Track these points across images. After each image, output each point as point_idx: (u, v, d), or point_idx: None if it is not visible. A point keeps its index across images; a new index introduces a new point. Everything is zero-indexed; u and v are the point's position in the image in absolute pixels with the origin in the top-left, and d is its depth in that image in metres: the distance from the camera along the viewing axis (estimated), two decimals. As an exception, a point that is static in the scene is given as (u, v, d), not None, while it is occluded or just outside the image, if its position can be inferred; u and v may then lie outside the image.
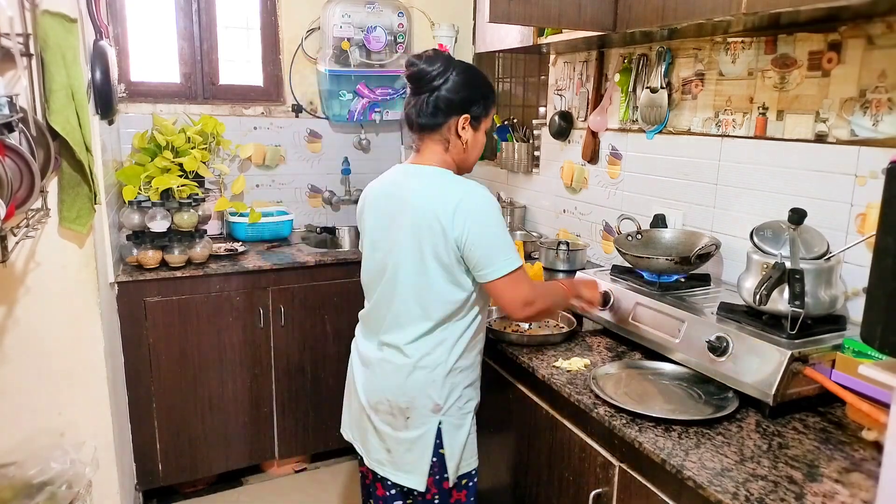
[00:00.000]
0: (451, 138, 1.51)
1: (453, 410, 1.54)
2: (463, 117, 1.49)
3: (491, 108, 1.56)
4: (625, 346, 1.75)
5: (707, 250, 1.75)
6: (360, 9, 2.97)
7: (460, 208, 1.41)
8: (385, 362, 1.55)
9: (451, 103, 1.48)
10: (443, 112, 1.48)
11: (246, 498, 2.68)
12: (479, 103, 1.51)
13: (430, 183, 1.49)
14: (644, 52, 2.14)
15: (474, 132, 1.53)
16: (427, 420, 1.51)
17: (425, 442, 1.51)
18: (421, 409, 1.51)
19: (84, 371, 1.96)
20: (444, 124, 1.49)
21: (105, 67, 2.08)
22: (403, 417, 1.52)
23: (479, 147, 1.58)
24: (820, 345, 1.37)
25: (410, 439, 1.52)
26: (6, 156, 1.37)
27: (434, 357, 1.50)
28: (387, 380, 1.54)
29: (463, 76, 1.49)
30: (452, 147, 1.52)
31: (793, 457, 1.20)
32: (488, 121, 1.57)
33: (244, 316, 2.54)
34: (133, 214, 2.36)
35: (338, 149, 3.26)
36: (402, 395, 1.52)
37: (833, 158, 1.59)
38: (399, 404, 1.52)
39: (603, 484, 1.40)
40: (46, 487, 1.70)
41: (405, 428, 1.52)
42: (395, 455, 1.55)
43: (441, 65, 1.47)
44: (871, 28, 1.48)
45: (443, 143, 1.52)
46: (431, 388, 1.50)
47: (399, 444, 1.54)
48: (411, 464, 1.53)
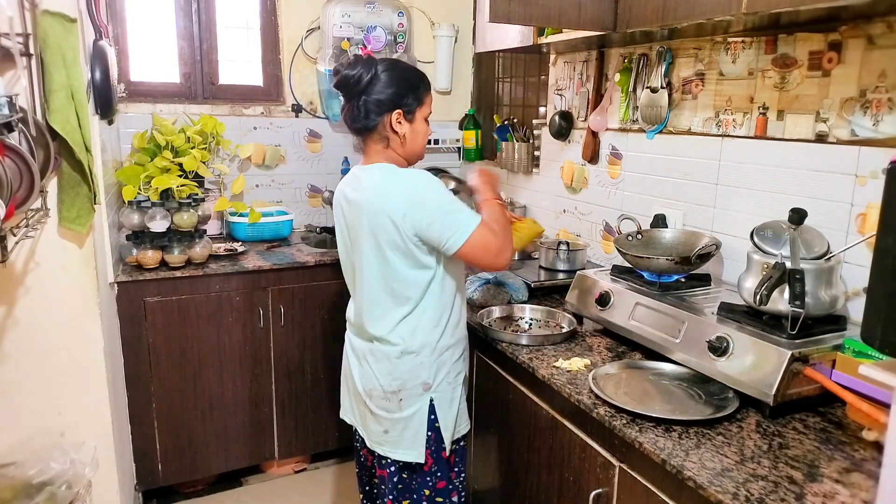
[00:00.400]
0: (389, 135, 1.59)
1: (443, 386, 1.64)
2: (395, 113, 1.56)
3: (424, 97, 1.61)
4: (625, 346, 1.75)
5: (707, 250, 1.75)
6: (360, 9, 2.96)
7: (406, 200, 1.50)
8: (375, 352, 1.64)
9: (380, 103, 1.55)
10: (374, 112, 1.56)
11: (246, 498, 2.68)
12: (408, 96, 1.57)
13: (376, 182, 1.56)
14: (644, 51, 2.14)
15: (410, 124, 1.60)
16: (419, 399, 1.62)
17: (419, 419, 1.62)
18: (412, 390, 1.61)
19: (84, 371, 1.96)
20: (378, 124, 1.57)
21: (105, 67, 2.08)
22: (397, 400, 1.62)
23: (422, 135, 1.64)
24: (820, 345, 1.37)
25: (405, 418, 1.62)
26: (6, 156, 1.37)
27: (418, 341, 1.60)
28: (378, 367, 1.63)
29: (387, 74, 1.56)
30: (392, 143, 1.60)
31: (793, 457, 1.20)
32: (425, 108, 1.62)
33: (244, 316, 2.54)
34: (133, 214, 2.36)
35: (338, 149, 3.25)
36: (394, 379, 1.61)
37: (833, 158, 1.59)
38: (391, 388, 1.61)
39: (603, 484, 1.40)
40: (46, 487, 1.70)
41: (399, 409, 1.62)
42: (393, 434, 1.64)
43: (361, 68, 1.54)
44: (871, 28, 1.48)
45: (382, 142, 1.60)
46: (420, 369, 1.61)
47: (395, 423, 1.63)
48: (409, 440, 1.63)
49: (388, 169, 1.58)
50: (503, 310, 2.02)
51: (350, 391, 1.76)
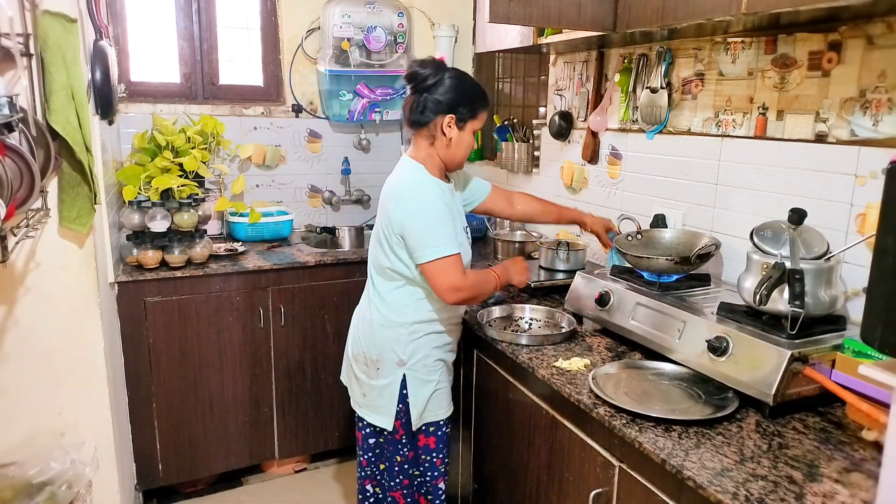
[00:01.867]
0: (437, 135, 1.72)
1: (418, 367, 1.77)
2: (449, 117, 1.69)
3: (479, 112, 1.73)
4: (625, 346, 1.75)
5: (707, 250, 1.75)
6: (360, 9, 2.97)
7: (403, 198, 1.67)
8: (363, 318, 1.82)
9: (439, 103, 1.68)
10: (430, 110, 1.69)
11: (246, 498, 2.68)
12: (465, 106, 1.70)
13: (398, 173, 1.75)
14: (644, 52, 2.14)
15: (459, 131, 1.72)
16: (393, 371, 1.76)
17: (392, 390, 1.76)
18: (388, 362, 1.76)
19: (84, 371, 1.96)
20: (431, 122, 1.70)
21: (105, 67, 2.08)
22: (374, 368, 1.78)
23: (466, 146, 1.75)
24: (820, 345, 1.37)
25: (380, 386, 1.78)
26: (6, 156, 1.37)
27: (398, 317, 1.75)
28: (363, 334, 1.81)
29: (452, 81, 1.69)
30: (437, 142, 1.73)
31: (793, 457, 1.20)
32: (476, 123, 1.74)
33: (244, 316, 2.54)
34: (133, 214, 2.36)
35: (338, 149, 3.26)
36: (373, 348, 1.78)
37: (833, 158, 1.59)
38: (371, 356, 1.78)
39: (603, 484, 1.40)
40: (46, 487, 1.70)
41: (376, 377, 1.78)
42: (369, 399, 1.81)
43: (432, 69, 1.69)
44: (871, 28, 1.48)
45: (429, 139, 1.73)
46: (396, 344, 1.75)
47: (372, 389, 1.80)
48: (382, 407, 1.79)
49: (417, 168, 1.73)
50: (503, 310, 2.02)
51: (347, 354, 1.93)
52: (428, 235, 1.63)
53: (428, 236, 1.63)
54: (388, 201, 1.70)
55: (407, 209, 1.65)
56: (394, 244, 1.70)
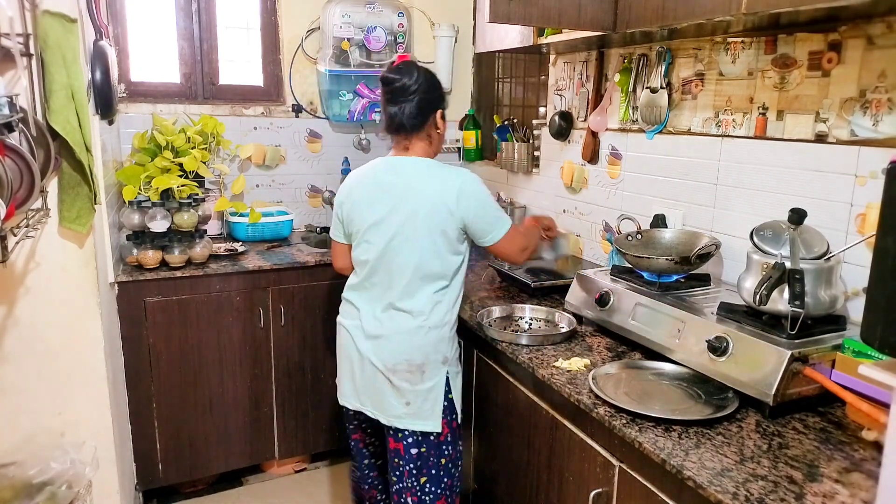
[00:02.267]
0: (432, 132, 1.80)
1: (454, 360, 1.82)
2: (439, 112, 1.78)
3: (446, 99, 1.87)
4: (625, 346, 1.75)
5: (707, 250, 1.75)
6: (360, 9, 2.97)
7: (462, 193, 1.69)
8: (399, 330, 1.75)
9: (430, 103, 1.75)
10: (424, 112, 1.75)
11: (246, 498, 2.68)
12: (443, 98, 1.81)
13: (431, 174, 1.74)
14: (644, 52, 2.14)
15: (444, 122, 1.82)
16: (439, 371, 1.77)
17: (438, 390, 1.77)
18: (434, 362, 1.76)
19: (84, 371, 1.96)
20: (426, 122, 1.76)
21: (105, 67, 2.08)
22: (420, 372, 1.75)
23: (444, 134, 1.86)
24: (820, 345, 1.37)
25: (426, 389, 1.76)
26: (6, 156, 1.37)
27: (441, 317, 1.76)
28: (403, 342, 1.75)
29: (426, 77, 1.75)
30: (434, 138, 1.82)
31: (793, 457, 1.20)
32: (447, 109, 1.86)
33: (244, 316, 2.54)
34: (133, 214, 2.36)
35: (338, 149, 3.26)
36: (419, 352, 1.74)
37: (833, 158, 1.59)
38: (416, 361, 1.74)
39: (603, 484, 1.41)
40: (46, 487, 1.70)
41: (422, 381, 1.75)
42: (414, 406, 1.76)
43: (416, 74, 1.74)
44: (871, 28, 1.48)
45: (427, 138, 1.79)
46: (442, 343, 1.77)
47: (417, 395, 1.76)
48: (428, 411, 1.77)
49: (438, 163, 1.77)
50: (503, 310, 2.02)
51: (357, 374, 1.82)
52: (495, 216, 1.75)
53: (495, 217, 1.75)
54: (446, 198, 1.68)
55: (474, 202, 1.71)
56: (456, 242, 1.73)
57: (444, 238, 1.71)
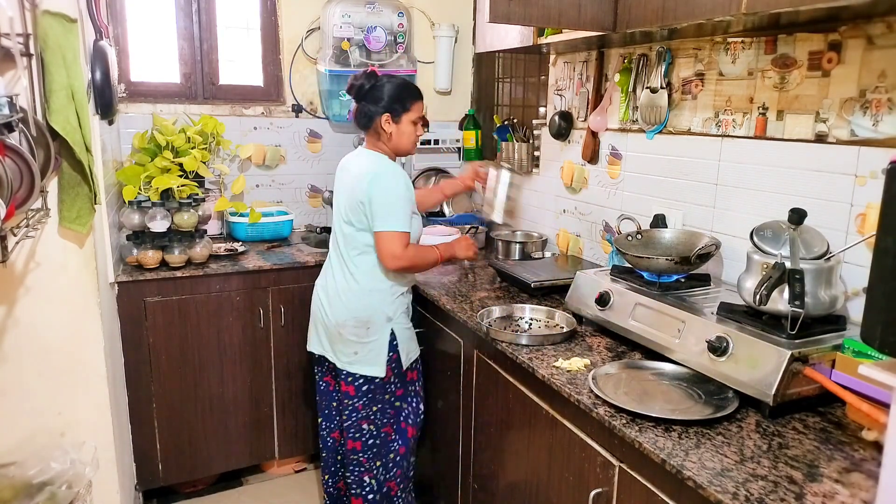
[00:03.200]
0: (380, 131, 2.06)
1: (400, 317, 2.12)
2: (385, 115, 2.03)
3: (409, 105, 2.05)
4: (625, 346, 1.75)
5: (707, 250, 1.75)
6: (360, 9, 2.97)
7: (372, 178, 1.97)
8: (347, 290, 2.08)
9: (375, 107, 2.04)
10: (370, 113, 2.05)
11: (246, 498, 2.68)
12: (396, 103, 2.03)
13: (363, 161, 2.08)
14: (644, 52, 2.14)
15: (396, 125, 2.05)
16: (383, 327, 2.07)
17: (382, 343, 2.08)
18: (378, 321, 2.07)
19: (84, 371, 1.96)
20: (372, 123, 2.06)
21: (105, 67, 2.08)
22: (365, 328, 2.06)
23: (407, 135, 2.08)
24: (820, 345, 1.37)
25: (372, 342, 2.07)
26: (6, 156, 1.37)
27: (380, 284, 2.08)
28: (350, 301, 2.07)
29: (382, 86, 2.04)
30: (382, 138, 2.08)
31: (793, 457, 1.20)
32: (411, 114, 2.06)
33: (244, 316, 2.54)
34: (133, 214, 2.36)
35: (338, 149, 3.25)
36: (363, 311, 2.06)
37: (833, 158, 1.59)
38: (361, 318, 2.06)
39: (603, 484, 1.40)
40: (46, 487, 1.70)
41: (366, 335, 2.07)
42: (362, 355, 2.08)
43: (365, 79, 2.05)
44: (871, 28, 1.48)
45: (375, 136, 2.09)
46: (383, 304, 2.08)
47: (364, 346, 2.07)
48: (374, 359, 2.08)
49: (378, 156, 2.08)
50: (503, 310, 2.02)
51: (319, 326, 2.17)
52: (389, 210, 1.96)
53: (388, 211, 1.96)
54: (362, 180, 1.98)
55: (381, 185, 1.96)
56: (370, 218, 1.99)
57: (356, 217, 2.01)
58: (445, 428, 2.19)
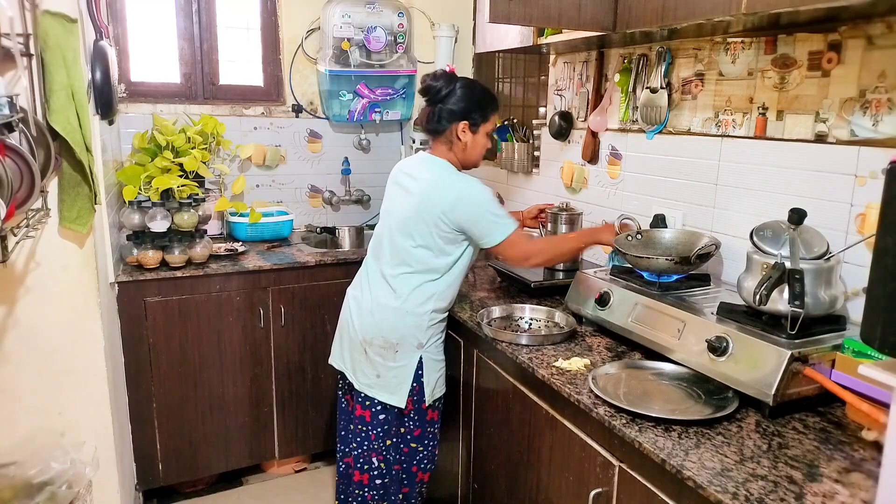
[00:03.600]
0: (454, 140, 1.91)
1: (432, 349, 1.96)
2: (462, 123, 1.88)
3: (489, 115, 1.93)
4: (625, 346, 1.75)
5: (707, 250, 1.75)
6: (360, 9, 2.97)
7: (460, 199, 1.82)
8: (383, 307, 1.92)
9: (452, 113, 1.88)
10: (445, 119, 1.89)
11: (246, 498, 2.68)
12: (477, 112, 1.89)
13: (437, 172, 1.89)
14: (644, 52, 2.14)
15: (473, 135, 1.92)
16: (412, 354, 1.92)
17: (408, 371, 1.92)
18: (408, 345, 1.91)
19: (84, 371, 1.96)
20: (446, 129, 1.90)
21: (105, 67, 2.08)
22: (393, 351, 1.91)
23: (480, 147, 1.96)
24: (820, 345, 1.37)
25: (398, 367, 1.92)
26: (6, 156, 1.37)
27: (419, 307, 1.90)
28: (383, 320, 1.92)
29: (462, 91, 1.88)
30: (455, 147, 1.93)
31: (793, 457, 1.20)
32: (488, 125, 1.94)
33: (244, 316, 2.54)
34: (133, 214, 2.36)
35: (338, 149, 3.26)
36: (394, 332, 1.91)
37: (833, 158, 1.59)
38: (391, 340, 1.91)
39: (603, 483, 1.40)
40: (46, 487, 1.70)
41: (393, 359, 1.92)
42: (384, 379, 1.93)
43: (444, 82, 1.88)
44: (871, 28, 1.48)
45: (447, 144, 1.93)
46: (417, 330, 1.91)
47: (388, 370, 1.93)
48: (396, 387, 1.93)
49: (448, 167, 1.91)
50: (503, 310, 2.02)
51: (345, 339, 2.03)
52: (493, 221, 1.83)
53: (494, 222, 1.83)
54: (435, 195, 1.83)
55: (467, 205, 1.81)
56: (446, 240, 1.85)
57: (427, 238, 1.85)
58: (445, 428, 2.19)
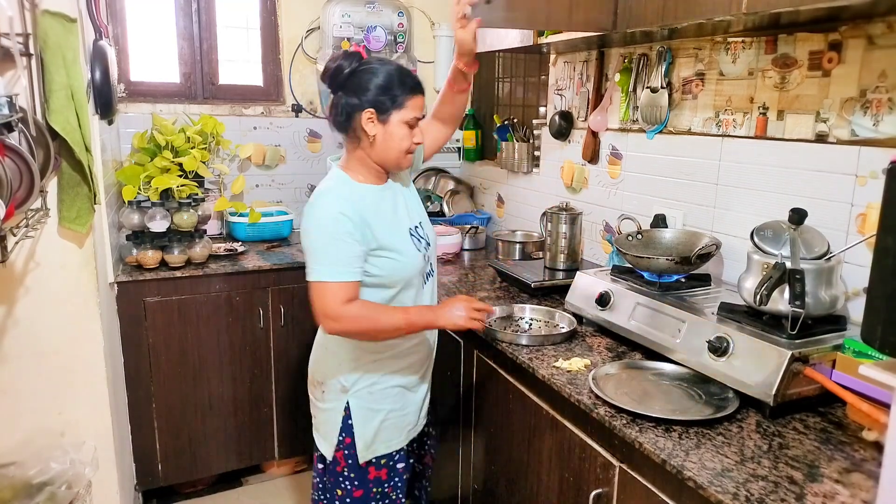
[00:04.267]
0: (361, 135, 1.50)
1: (362, 394, 1.59)
2: (367, 112, 1.47)
3: (404, 99, 1.48)
4: (625, 346, 1.75)
5: (707, 250, 1.75)
6: (360, 9, 2.97)
7: (307, 210, 1.50)
8: (316, 338, 1.71)
9: (355, 100, 1.47)
10: (348, 109, 1.48)
11: (246, 498, 2.68)
12: (384, 95, 1.46)
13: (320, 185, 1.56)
14: (644, 51, 2.14)
15: (383, 125, 1.49)
16: (336, 397, 1.61)
17: (335, 417, 1.60)
18: (332, 385, 1.62)
19: (84, 371, 1.96)
20: (350, 123, 1.50)
21: (105, 67, 2.08)
22: (320, 390, 1.65)
23: (397, 140, 1.50)
24: (820, 345, 1.37)
25: (325, 410, 1.64)
26: (6, 156, 1.37)
27: (337, 344, 1.59)
28: (313, 351, 1.71)
29: (365, 73, 1.47)
30: (363, 143, 1.51)
31: (793, 457, 1.20)
32: (404, 112, 1.49)
33: (244, 316, 2.54)
34: (133, 214, 2.36)
35: (338, 149, 3.25)
36: (319, 370, 1.66)
37: (833, 158, 1.59)
38: (316, 377, 1.67)
39: (603, 484, 1.40)
40: (46, 487, 1.70)
41: (322, 400, 1.65)
42: (318, 421, 1.69)
43: (344, 62, 1.47)
44: (871, 28, 1.48)
45: (355, 141, 1.53)
46: (337, 369, 1.60)
47: (319, 413, 1.67)
48: (326, 433, 1.64)
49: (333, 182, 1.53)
50: (503, 310, 2.01)
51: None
52: (316, 256, 1.46)
53: (316, 256, 1.46)
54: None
55: (305, 225, 1.49)
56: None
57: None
58: (445, 428, 2.19)
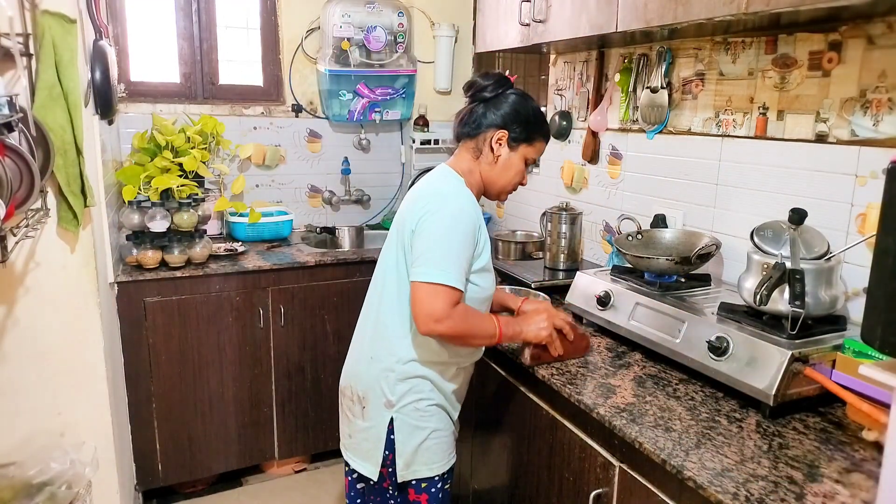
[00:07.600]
0: (485, 149, 1.54)
1: (408, 410, 1.51)
2: (500, 132, 1.52)
3: (535, 139, 1.56)
4: (625, 347, 1.75)
5: (707, 250, 1.75)
6: (360, 9, 2.96)
7: (436, 209, 1.42)
8: (359, 343, 1.60)
9: (493, 117, 1.53)
10: (482, 122, 1.53)
11: (246, 498, 2.68)
12: (521, 126, 1.53)
13: (433, 180, 1.54)
14: (644, 51, 2.14)
15: (510, 151, 1.54)
16: (380, 413, 1.52)
17: (378, 434, 1.52)
18: (374, 400, 1.53)
19: (84, 371, 1.96)
20: (480, 134, 1.54)
21: (105, 67, 2.08)
22: (360, 406, 1.55)
23: (513, 171, 1.56)
24: (820, 345, 1.37)
25: (366, 428, 1.55)
26: (6, 156, 1.37)
27: (391, 351, 1.50)
28: (354, 363, 1.59)
29: (514, 98, 1.55)
30: (483, 158, 1.55)
31: (793, 457, 1.20)
32: (530, 150, 1.56)
33: (244, 316, 2.54)
34: (133, 214, 2.36)
35: (338, 149, 3.26)
36: (360, 382, 1.55)
37: (833, 158, 1.59)
38: (357, 391, 1.56)
39: (603, 484, 1.40)
40: (46, 488, 1.70)
41: (361, 416, 1.55)
42: (355, 440, 1.59)
43: (494, 82, 1.54)
44: (871, 28, 1.48)
45: (475, 152, 1.55)
46: (384, 382, 1.51)
47: (358, 431, 1.57)
48: (366, 452, 1.56)
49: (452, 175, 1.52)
50: (503, 310, 2.01)
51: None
52: (438, 255, 1.37)
53: (437, 255, 1.37)
54: (416, 206, 1.46)
55: (434, 220, 1.40)
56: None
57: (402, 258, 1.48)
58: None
